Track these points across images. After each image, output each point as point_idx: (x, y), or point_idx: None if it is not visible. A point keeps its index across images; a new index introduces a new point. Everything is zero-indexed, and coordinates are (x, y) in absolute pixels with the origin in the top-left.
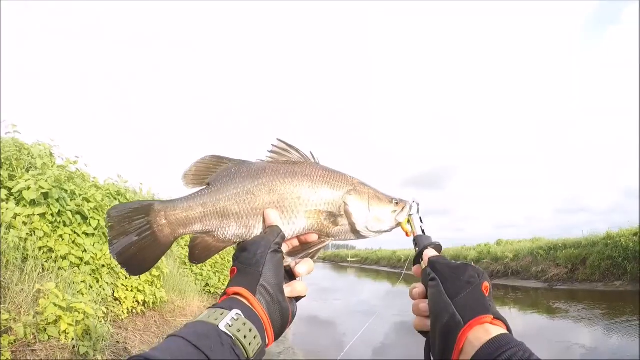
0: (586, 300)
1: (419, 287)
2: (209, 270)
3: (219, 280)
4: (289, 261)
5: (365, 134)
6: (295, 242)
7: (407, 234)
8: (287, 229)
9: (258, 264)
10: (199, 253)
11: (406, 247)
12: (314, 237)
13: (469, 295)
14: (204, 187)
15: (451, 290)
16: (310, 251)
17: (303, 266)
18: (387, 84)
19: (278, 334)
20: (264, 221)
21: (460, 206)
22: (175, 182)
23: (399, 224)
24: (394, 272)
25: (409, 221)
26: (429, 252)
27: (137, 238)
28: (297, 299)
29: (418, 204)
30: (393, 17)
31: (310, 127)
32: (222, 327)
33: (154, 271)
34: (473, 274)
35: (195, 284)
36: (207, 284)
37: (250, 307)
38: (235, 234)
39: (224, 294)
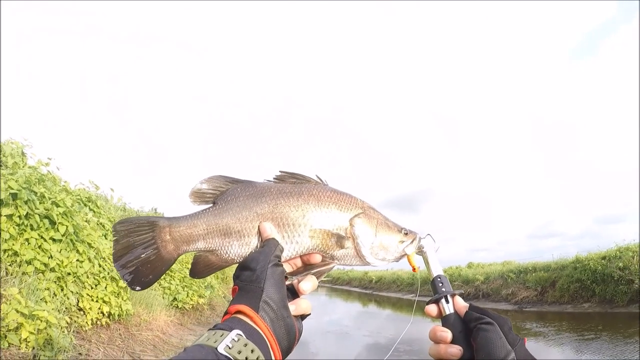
0: (556, 322)
1: (445, 332)
2: (177, 285)
3: (187, 295)
4: (292, 279)
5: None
6: (299, 262)
7: (413, 269)
8: (290, 247)
9: (259, 280)
10: (200, 269)
11: (377, 267)
12: (317, 258)
13: (522, 346)
14: (210, 205)
15: (509, 338)
16: (313, 272)
17: (307, 283)
18: (372, 104)
19: (285, 352)
20: (260, 236)
21: (434, 229)
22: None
23: (404, 256)
24: (365, 293)
25: (424, 259)
26: (461, 301)
27: (141, 252)
28: (302, 317)
29: (434, 240)
30: (379, 37)
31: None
32: (221, 349)
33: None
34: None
35: (163, 297)
36: (174, 299)
37: (253, 325)
38: (238, 253)
39: (226, 313)
